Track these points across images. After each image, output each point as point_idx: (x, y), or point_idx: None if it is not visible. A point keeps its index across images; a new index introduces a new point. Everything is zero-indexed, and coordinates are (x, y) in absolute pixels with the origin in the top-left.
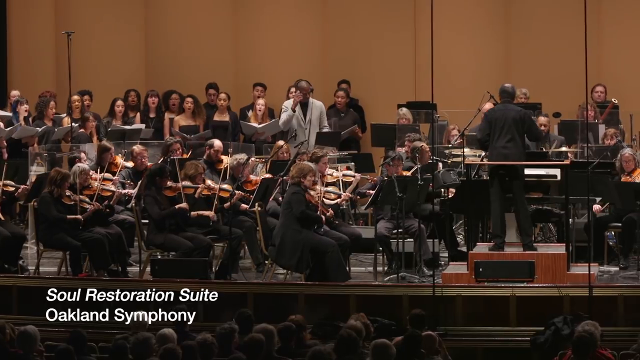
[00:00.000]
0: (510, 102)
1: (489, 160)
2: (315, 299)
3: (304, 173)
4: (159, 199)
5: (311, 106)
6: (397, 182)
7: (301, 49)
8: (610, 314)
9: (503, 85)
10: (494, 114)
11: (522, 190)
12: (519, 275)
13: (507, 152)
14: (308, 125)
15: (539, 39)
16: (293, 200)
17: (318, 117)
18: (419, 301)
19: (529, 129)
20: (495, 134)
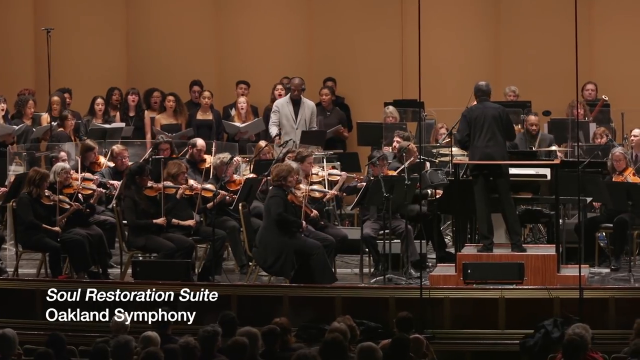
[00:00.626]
0: (487, 99)
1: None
2: (300, 301)
3: (283, 175)
4: (137, 201)
5: (303, 105)
6: (384, 182)
7: (286, 46)
8: (601, 316)
9: (477, 84)
10: (473, 113)
11: (508, 189)
12: (508, 277)
13: (490, 151)
14: (299, 125)
15: (529, 36)
16: (271, 203)
17: (309, 116)
18: (406, 303)
19: (506, 126)
20: (476, 133)
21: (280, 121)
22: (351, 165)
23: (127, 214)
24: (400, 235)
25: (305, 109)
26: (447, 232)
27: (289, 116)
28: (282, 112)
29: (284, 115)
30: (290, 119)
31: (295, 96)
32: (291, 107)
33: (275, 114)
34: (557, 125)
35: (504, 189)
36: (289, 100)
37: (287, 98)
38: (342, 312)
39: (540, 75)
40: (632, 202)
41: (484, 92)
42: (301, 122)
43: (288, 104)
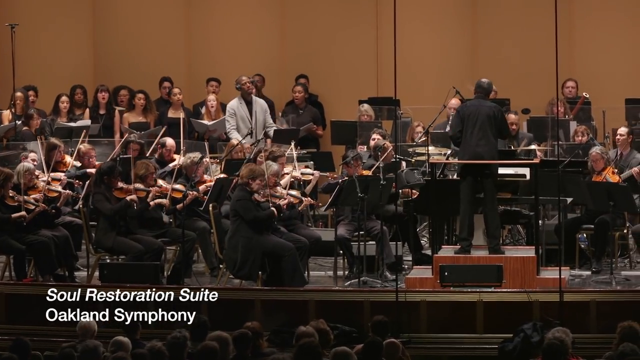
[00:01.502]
0: (484, 97)
1: (460, 158)
2: (273, 304)
3: (253, 175)
4: (108, 196)
5: (255, 104)
6: (359, 182)
7: (257, 42)
8: (581, 320)
9: (479, 80)
10: (467, 110)
11: (494, 190)
12: (486, 279)
13: (481, 150)
14: (254, 125)
15: (507, 31)
16: (239, 207)
17: (263, 115)
18: (381, 307)
19: (500, 125)
20: (468, 130)
21: (237, 124)
22: (325, 165)
23: (101, 206)
24: (375, 237)
25: (257, 108)
26: (423, 233)
27: (245, 117)
28: (238, 114)
29: (240, 117)
30: (245, 119)
31: (247, 94)
32: (245, 107)
33: (232, 117)
34: (537, 124)
35: (490, 190)
36: (242, 101)
37: (239, 99)
38: (316, 316)
39: (519, 72)
40: (613, 202)
41: (483, 90)
42: (254, 120)
43: (241, 105)
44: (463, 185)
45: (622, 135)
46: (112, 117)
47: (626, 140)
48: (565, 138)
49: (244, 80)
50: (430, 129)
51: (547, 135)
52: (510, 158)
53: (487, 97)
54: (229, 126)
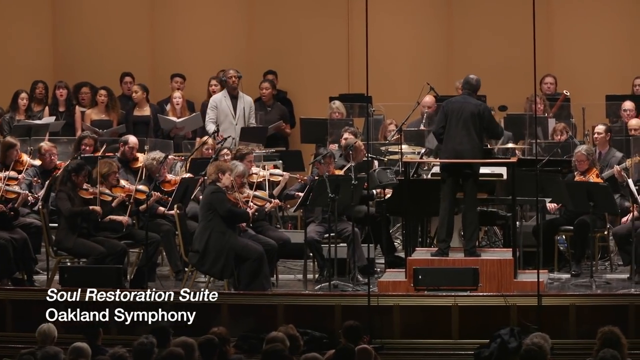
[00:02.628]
0: (471, 94)
1: (441, 156)
2: (240, 309)
3: (221, 170)
4: (72, 196)
5: (241, 99)
6: (329, 182)
7: (223, 37)
8: (560, 325)
9: (467, 76)
10: (451, 106)
11: (475, 190)
12: (461, 283)
13: (461, 148)
14: (239, 120)
15: (484, 25)
16: (214, 200)
17: (248, 112)
18: (353, 312)
19: (488, 125)
20: (451, 127)
21: (218, 118)
22: (294, 164)
23: (62, 205)
24: (346, 239)
25: (243, 104)
26: (396, 235)
27: (228, 112)
28: (220, 107)
29: (222, 111)
30: (229, 114)
31: (232, 89)
32: (229, 101)
33: (213, 110)
34: (514, 121)
35: (471, 190)
36: (226, 95)
37: (224, 92)
38: (285, 321)
39: (495, 67)
40: (593, 202)
41: (471, 86)
42: (240, 117)
43: (226, 99)
44: (444, 185)
45: (599, 134)
46: (72, 114)
47: (604, 138)
48: (544, 136)
49: (231, 74)
50: (403, 126)
51: (525, 133)
52: (487, 157)
53: (475, 94)
54: (207, 118)
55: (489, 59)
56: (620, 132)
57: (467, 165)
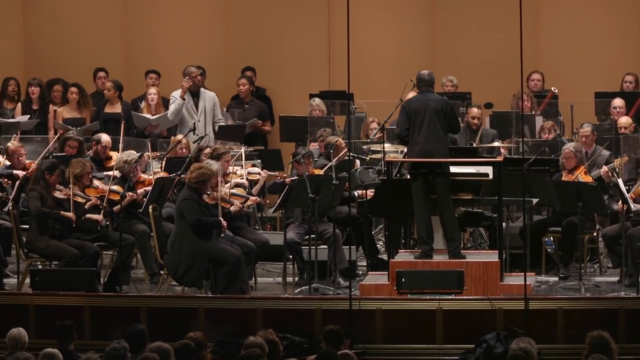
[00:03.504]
0: (429, 90)
1: (409, 157)
2: (217, 313)
3: (203, 179)
4: (45, 196)
5: (203, 96)
6: (309, 182)
7: (201, 32)
8: (548, 329)
9: (419, 73)
10: (413, 105)
11: (447, 189)
12: (446, 286)
13: (430, 147)
14: (201, 117)
15: (468, 20)
16: (184, 207)
17: (212, 109)
18: (334, 316)
19: (450, 120)
20: (415, 127)
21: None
22: (273, 163)
23: (31, 203)
24: (327, 241)
25: (205, 101)
26: (379, 236)
27: (189, 109)
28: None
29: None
30: (191, 111)
31: (193, 86)
32: (190, 99)
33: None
34: (500, 119)
35: (443, 190)
36: (187, 92)
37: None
38: (264, 326)
39: (481, 63)
40: (582, 203)
41: (425, 82)
42: (202, 114)
43: (187, 96)
44: (415, 186)
45: (587, 136)
46: (46, 112)
47: (591, 138)
48: (531, 134)
49: (193, 72)
50: (386, 124)
51: (511, 132)
52: (472, 156)
53: (432, 88)
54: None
55: (474, 55)
56: (609, 130)
57: (437, 164)
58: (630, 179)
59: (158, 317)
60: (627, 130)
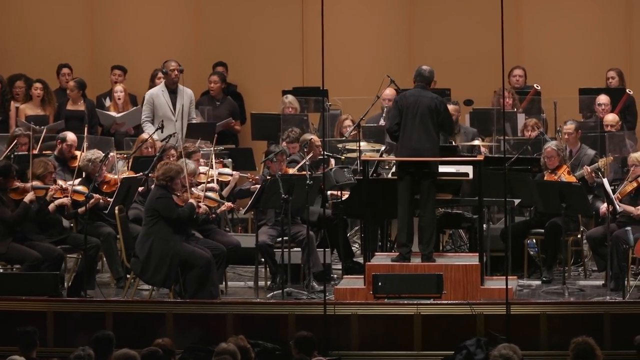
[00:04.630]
0: (425, 87)
1: (397, 155)
2: (187, 319)
3: (171, 175)
4: (5, 200)
5: (181, 93)
6: (282, 182)
7: (168, 26)
8: (530, 335)
9: (419, 67)
10: (406, 100)
11: (434, 190)
12: (424, 290)
13: (420, 146)
14: (179, 116)
15: (447, 13)
16: (160, 206)
17: (188, 106)
18: (308, 321)
19: (443, 120)
20: (407, 124)
21: (155, 114)
22: (245, 163)
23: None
24: (300, 243)
25: (183, 98)
26: (354, 239)
27: (166, 107)
28: (158, 102)
29: (160, 107)
30: (167, 109)
31: (174, 81)
32: (167, 95)
33: (149, 106)
34: (481, 116)
35: (429, 190)
36: (164, 89)
37: (161, 86)
38: (235, 332)
39: (460, 58)
40: (565, 204)
41: (424, 79)
42: (180, 112)
43: (164, 93)
44: (401, 186)
45: (570, 133)
46: (8, 109)
47: (575, 137)
48: (513, 132)
49: (173, 66)
50: (361, 122)
51: (492, 129)
52: (451, 155)
53: (429, 86)
54: (143, 117)
55: (453, 50)
56: (594, 128)
57: (425, 164)
58: (616, 178)
59: (124, 323)
60: (613, 128)
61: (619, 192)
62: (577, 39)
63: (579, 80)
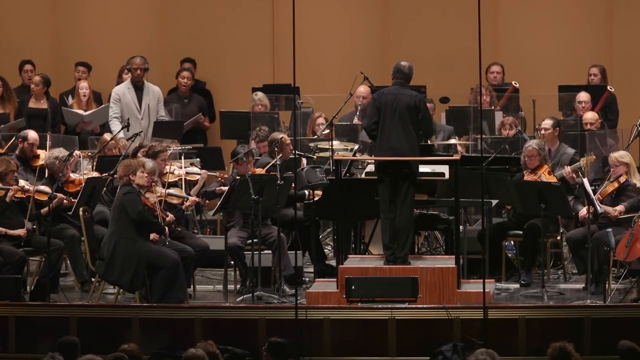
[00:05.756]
0: (404, 84)
1: (376, 156)
2: (153, 323)
3: (131, 169)
4: None
5: (147, 90)
6: (252, 182)
7: (135, 21)
8: (509, 340)
9: (398, 63)
10: (384, 98)
11: (413, 191)
12: (399, 294)
13: (399, 145)
14: (145, 115)
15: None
16: (126, 201)
17: (155, 105)
18: (279, 326)
19: (423, 119)
20: (385, 122)
21: (121, 112)
22: (213, 162)
23: None
24: (271, 245)
25: (150, 95)
26: (327, 241)
27: (132, 104)
28: (124, 100)
29: (126, 105)
30: (133, 107)
31: (137, 79)
32: (133, 93)
33: (117, 104)
34: (457, 115)
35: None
36: (130, 86)
37: (127, 83)
38: (203, 337)
39: (436, 54)
40: (544, 204)
41: (403, 75)
42: (146, 111)
43: (129, 90)
44: (381, 187)
45: (546, 130)
46: None
47: (552, 134)
48: (490, 131)
49: (137, 64)
50: (334, 120)
51: (469, 128)
52: (427, 154)
53: (408, 83)
54: (111, 113)
55: (429, 46)
56: (574, 127)
57: (404, 164)
58: (597, 178)
59: (89, 328)
60: (593, 127)
61: (600, 192)
62: (556, 34)
63: (558, 77)
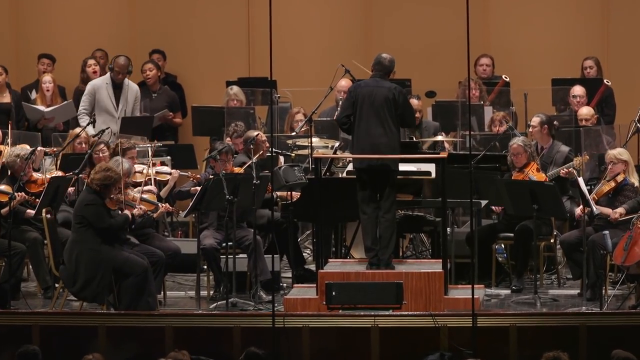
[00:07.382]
0: (383, 77)
1: (353, 152)
2: (121, 332)
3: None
4: None
5: (126, 88)
6: (226, 182)
7: (101, 10)
8: (499, 349)
9: (379, 55)
10: (360, 90)
11: (394, 191)
12: (383, 300)
13: (378, 142)
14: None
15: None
16: (89, 214)
17: (132, 103)
18: (255, 335)
19: (403, 111)
20: (362, 117)
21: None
22: (185, 161)
23: None
24: (246, 249)
25: (128, 93)
26: (306, 244)
27: (108, 102)
28: (100, 96)
29: (101, 101)
30: (109, 104)
31: (118, 79)
32: (111, 89)
33: (89, 97)
34: (444, 110)
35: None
36: (109, 82)
37: (106, 78)
38: (175, 346)
39: (422, 46)
40: (537, 205)
41: (382, 67)
42: (123, 111)
43: (107, 86)
44: (360, 186)
45: (534, 127)
46: None
47: (540, 132)
48: (479, 127)
49: (120, 66)
50: (313, 116)
51: (457, 124)
52: (412, 151)
53: (387, 76)
54: (81, 108)
55: (414, 37)
56: (569, 122)
57: (383, 161)
58: (592, 177)
59: (52, 337)
60: (588, 123)
61: (595, 192)
62: (549, 24)
63: (551, 70)
